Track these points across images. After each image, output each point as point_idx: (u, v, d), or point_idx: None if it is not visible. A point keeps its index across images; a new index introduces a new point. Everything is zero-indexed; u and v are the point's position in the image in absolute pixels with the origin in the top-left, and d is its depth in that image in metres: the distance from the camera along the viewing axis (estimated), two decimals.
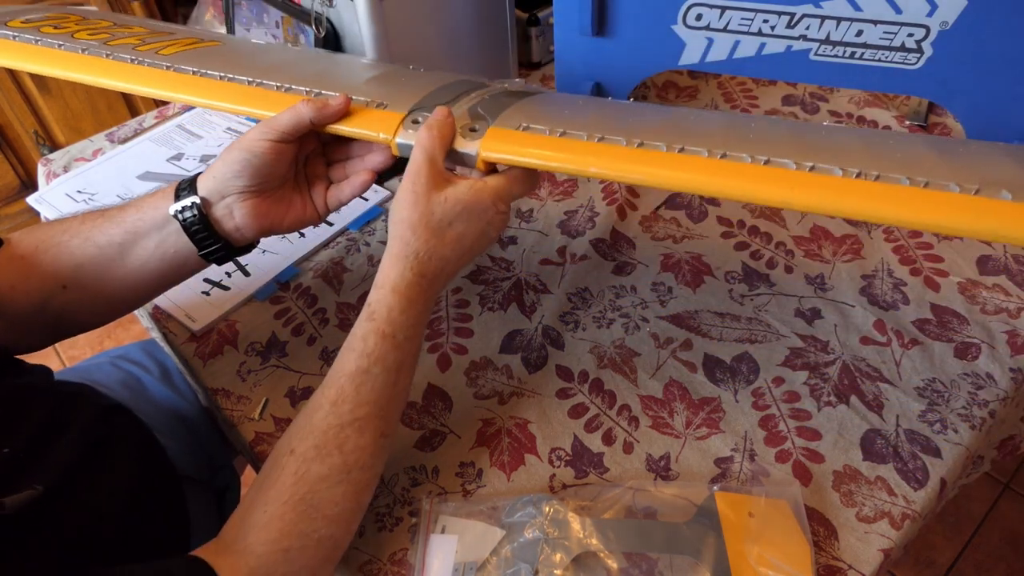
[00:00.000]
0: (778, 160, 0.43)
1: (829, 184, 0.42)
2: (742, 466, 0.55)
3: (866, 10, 0.66)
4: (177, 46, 0.63)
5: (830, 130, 0.51)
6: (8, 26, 0.66)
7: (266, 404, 0.62)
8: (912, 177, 0.41)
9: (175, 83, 0.57)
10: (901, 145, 0.48)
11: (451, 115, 0.51)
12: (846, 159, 0.43)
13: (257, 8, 0.89)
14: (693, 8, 0.73)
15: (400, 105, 0.53)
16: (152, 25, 0.73)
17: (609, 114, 0.54)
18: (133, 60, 0.60)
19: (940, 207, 0.40)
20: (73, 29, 0.66)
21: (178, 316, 0.70)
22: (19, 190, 1.69)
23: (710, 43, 0.75)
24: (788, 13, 0.69)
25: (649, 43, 0.78)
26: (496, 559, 0.50)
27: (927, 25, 0.65)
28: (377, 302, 0.48)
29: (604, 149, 0.46)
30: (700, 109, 0.58)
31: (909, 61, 0.68)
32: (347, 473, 0.46)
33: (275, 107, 0.54)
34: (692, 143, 0.45)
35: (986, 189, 0.40)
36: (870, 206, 0.41)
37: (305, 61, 0.67)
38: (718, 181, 0.44)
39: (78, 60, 0.60)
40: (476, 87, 0.58)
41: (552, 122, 0.49)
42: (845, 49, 0.70)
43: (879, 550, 0.50)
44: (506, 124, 0.50)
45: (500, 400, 0.61)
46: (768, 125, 0.52)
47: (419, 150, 0.49)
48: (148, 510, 0.57)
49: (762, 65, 0.75)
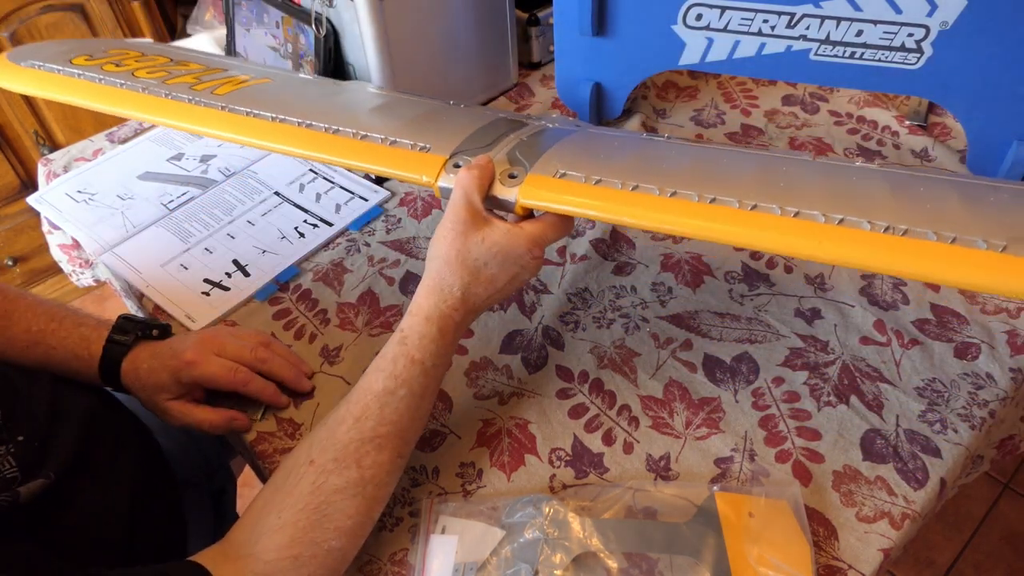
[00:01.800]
0: (807, 212, 0.44)
1: (857, 239, 0.43)
2: (742, 466, 0.55)
3: (866, 10, 0.66)
4: (230, 85, 0.65)
5: (860, 174, 0.51)
6: (73, 63, 0.68)
7: (268, 405, 0.62)
8: (939, 232, 0.41)
9: (229, 124, 0.60)
10: (931, 191, 0.48)
11: (491, 161, 0.53)
12: (874, 210, 0.44)
13: (257, 8, 0.89)
14: (693, 8, 0.73)
15: (442, 148, 0.55)
16: (207, 61, 0.74)
17: (644, 157, 0.55)
18: (190, 100, 0.62)
19: (966, 265, 0.41)
20: (133, 67, 0.68)
21: (178, 316, 0.70)
22: (19, 190, 1.69)
23: (710, 43, 0.75)
24: (788, 13, 0.69)
25: (649, 43, 0.78)
26: (496, 559, 0.50)
27: (927, 25, 0.65)
28: (410, 328, 0.50)
29: (638, 199, 0.48)
30: (732, 149, 0.58)
31: (909, 61, 0.68)
32: (362, 487, 0.47)
33: (322, 147, 0.57)
34: (723, 192, 0.46)
35: (1013, 246, 0.40)
36: (897, 263, 0.42)
37: (349, 99, 0.68)
38: (748, 233, 0.45)
39: (138, 99, 0.63)
40: (515, 127, 0.59)
41: (588, 168, 0.51)
42: (845, 49, 0.70)
43: (879, 550, 0.50)
44: (543, 171, 0.52)
45: (500, 400, 0.61)
46: (799, 170, 0.52)
47: (459, 191, 0.51)
48: (149, 502, 0.58)
49: (762, 65, 0.75)
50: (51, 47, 0.77)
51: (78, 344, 0.59)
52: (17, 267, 1.76)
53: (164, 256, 0.76)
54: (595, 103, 0.86)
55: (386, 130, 0.57)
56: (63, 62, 0.69)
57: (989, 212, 0.45)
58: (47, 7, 1.55)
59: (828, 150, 0.83)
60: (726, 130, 0.88)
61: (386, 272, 0.73)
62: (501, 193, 0.52)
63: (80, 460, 0.52)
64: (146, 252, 0.77)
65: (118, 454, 0.56)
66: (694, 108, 0.92)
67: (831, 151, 0.83)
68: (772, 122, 0.88)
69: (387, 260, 0.75)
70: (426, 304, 0.50)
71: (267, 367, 0.60)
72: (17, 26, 1.53)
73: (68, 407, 0.54)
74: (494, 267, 0.51)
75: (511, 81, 0.97)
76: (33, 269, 1.79)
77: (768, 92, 0.93)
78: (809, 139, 0.85)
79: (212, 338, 0.60)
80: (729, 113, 0.90)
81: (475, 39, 0.89)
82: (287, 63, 0.87)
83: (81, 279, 0.90)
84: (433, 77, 0.87)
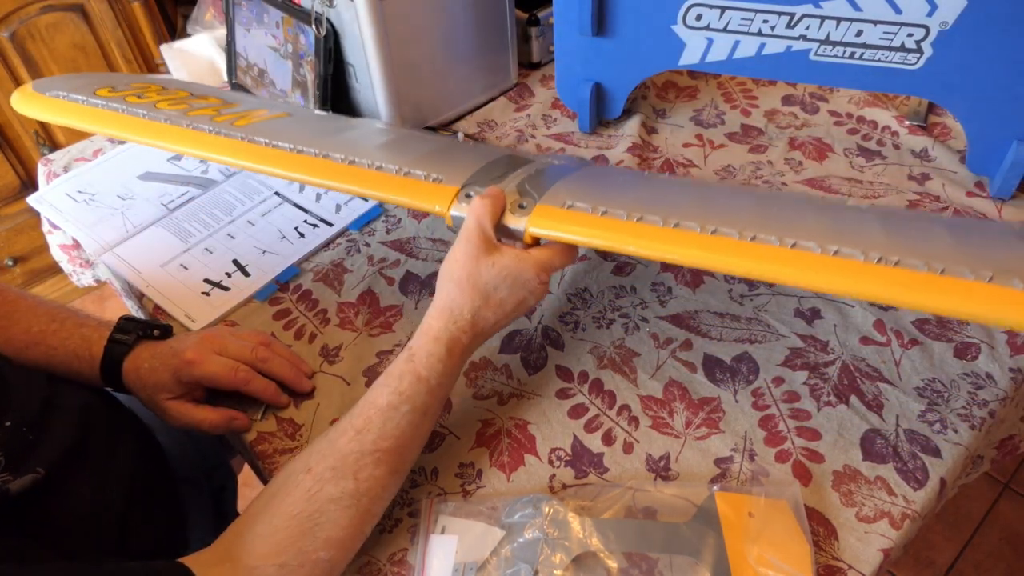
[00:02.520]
0: (804, 243, 0.46)
1: (851, 269, 0.45)
2: (742, 466, 0.55)
3: (866, 10, 0.66)
4: (249, 118, 0.68)
5: (853, 212, 0.53)
6: (97, 95, 0.71)
7: (268, 405, 0.62)
8: (929, 264, 0.44)
9: (250, 154, 0.62)
10: (920, 228, 0.50)
11: (503, 192, 0.55)
12: (867, 243, 0.46)
13: (257, 8, 0.89)
14: (693, 8, 0.73)
15: (454, 179, 0.57)
16: (225, 95, 0.76)
17: (648, 191, 0.57)
18: (211, 130, 0.65)
19: (955, 295, 0.43)
20: (155, 99, 0.70)
21: (178, 316, 0.70)
22: (19, 190, 1.69)
23: (710, 43, 0.75)
24: (788, 13, 0.69)
25: (649, 43, 0.78)
26: (496, 559, 0.50)
27: (927, 25, 0.65)
28: (419, 347, 0.51)
29: (642, 229, 0.50)
30: (730, 187, 0.61)
31: (909, 61, 0.68)
32: (357, 499, 0.47)
33: (340, 177, 0.60)
34: (724, 224, 0.49)
35: (999, 277, 0.42)
36: (890, 292, 0.44)
37: (362, 134, 0.70)
38: (748, 263, 0.47)
39: (160, 128, 0.65)
40: (522, 163, 0.61)
41: (594, 200, 0.53)
42: (845, 49, 0.70)
43: (879, 550, 0.50)
44: (552, 202, 0.54)
45: (500, 400, 0.61)
46: (795, 207, 0.54)
47: (472, 218, 0.53)
48: (146, 499, 0.58)
49: (762, 65, 0.75)
50: (74, 79, 0.78)
51: (79, 345, 0.59)
52: (17, 267, 1.76)
53: (164, 256, 0.76)
54: (595, 103, 0.86)
55: (400, 162, 0.60)
56: (87, 93, 0.71)
57: (974, 247, 0.48)
58: (47, 7, 1.55)
59: (828, 150, 0.83)
60: (726, 130, 0.88)
61: (386, 272, 0.73)
62: (511, 222, 0.54)
63: (75, 453, 0.52)
64: (146, 252, 0.77)
65: (115, 449, 0.57)
66: (694, 108, 0.92)
67: (831, 151, 0.83)
68: (772, 122, 0.88)
69: (387, 260, 0.75)
70: (436, 324, 0.51)
71: (268, 367, 0.60)
72: (17, 26, 1.53)
73: (64, 402, 0.54)
74: (503, 291, 0.52)
75: (511, 81, 0.98)
76: (33, 269, 1.79)
77: (768, 92, 0.93)
78: (809, 139, 0.85)
79: (213, 338, 0.60)
80: (729, 113, 0.90)
81: (475, 39, 0.89)
82: (287, 63, 0.87)
83: (81, 279, 0.90)
84: (433, 77, 0.87)
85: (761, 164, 0.82)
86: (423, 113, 0.89)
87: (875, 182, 0.78)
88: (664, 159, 0.84)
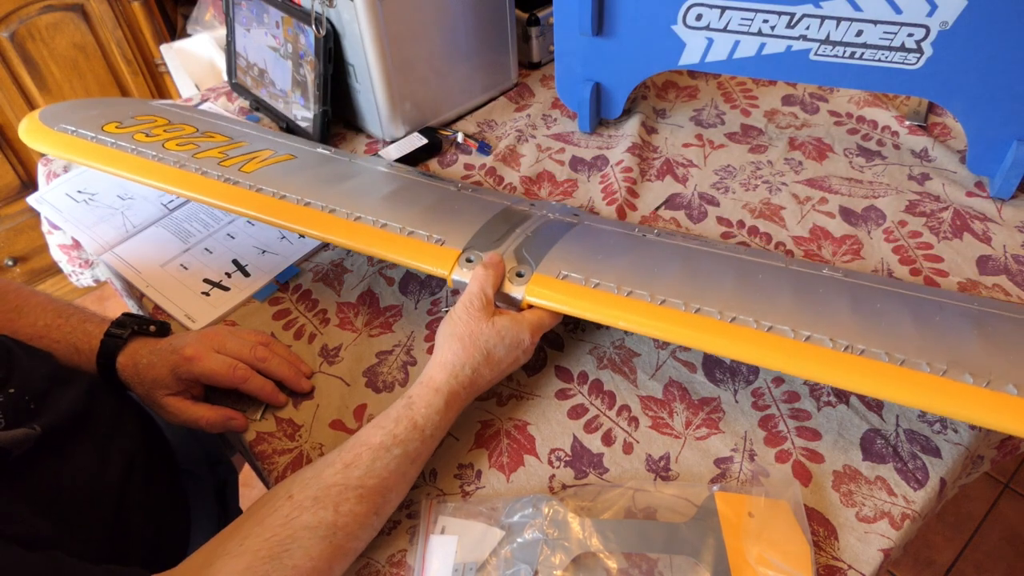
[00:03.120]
0: (779, 327, 0.51)
1: (820, 356, 0.50)
2: (742, 466, 0.55)
3: (866, 10, 0.66)
4: (256, 162, 0.70)
5: (827, 285, 0.57)
6: (104, 131, 0.73)
7: (267, 405, 0.62)
8: (891, 353, 0.49)
9: (259, 204, 0.65)
10: (887, 309, 0.55)
11: (503, 261, 0.59)
12: (837, 326, 0.51)
13: (257, 8, 0.89)
14: (693, 8, 0.73)
15: (455, 241, 0.61)
16: (230, 132, 0.78)
17: (638, 257, 0.60)
18: (220, 177, 0.67)
19: (911, 387, 0.48)
20: (163, 137, 0.73)
21: (178, 316, 0.70)
22: (19, 190, 1.69)
23: (710, 43, 0.75)
24: (788, 13, 0.69)
25: (649, 43, 0.78)
26: (496, 560, 0.50)
27: (927, 25, 0.65)
28: (419, 396, 0.52)
29: (631, 305, 0.55)
30: (714, 252, 0.63)
31: (909, 61, 0.68)
32: (333, 532, 0.46)
33: (346, 234, 0.63)
34: (707, 302, 0.54)
35: (952, 370, 0.48)
36: (853, 382, 0.49)
37: (365, 182, 0.72)
38: (726, 344, 0.52)
39: (171, 173, 0.68)
40: (519, 220, 0.65)
41: (586, 269, 0.57)
42: (845, 49, 0.70)
43: (879, 550, 0.50)
44: (547, 270, 0.58)
45: (499, 401, 0.61)
46: (774, 280, 0.58)
47: (476, 285, 0.57)
48: (147, 481, 0.58)
49: (762, 65, 0.75)
50: (80, 109, 0.79)
51: (80, 339, 0.59)
52: (17, 267, 1.77)
53: (164, 256, 0.76)
54: (595, 103, 0.86)
55: (403, 219, 0.63)
56: (95, 128, 0.73)
57: (935, 333, 0.52)
58: (47, 7, 1.55)
59: (828, 150, 0.83)
60: (726, 130, 0.88)
61: (386, 272, 0.73)
62: (510, 291, 0.58)
63: (78, 421, 0.52)
64: (146, 252, 0.77)
65: (120, 427, 0.57)
66: (694, 108, 0.92)
67: (831, 151, 0.83)
68: (772, 122, 0.88)
69: (387, 260, 0.74)
70: (438, 377, 0.53)
71: (266, 366, 0.61)
72: (17, 26, 1.53)
73: (73, 378, 0.55)
74: (501, 351, 0.55)
75: (511, 81, 0.98)
76: (33, 269, 1.79)
77: (768, 92, 0.93)
78: (809, 139, 0.85)
79: (212, 335, 0.60)
80: (729, 113, 0.90)
81: (475, 39, 0.89)
82: (287, 63, 0.87)
83: (81, 279, 0.90)
84: (433, 77, 0.87)
85: (761, 164, 0.82)
86: (423, 113, 0.89)
87: (875, 182, 0.78)
88: (664, 159, 0.84)
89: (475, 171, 0.85)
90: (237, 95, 1.00)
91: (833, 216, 0.75)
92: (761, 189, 0.79)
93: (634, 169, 0.82)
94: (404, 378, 0.63)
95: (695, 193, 0.79)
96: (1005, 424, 0.47)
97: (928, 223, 0.73)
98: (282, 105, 0.91)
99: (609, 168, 0.83)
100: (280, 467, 0.58)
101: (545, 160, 0.86)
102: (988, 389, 0.47)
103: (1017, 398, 0.47)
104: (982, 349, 0.51)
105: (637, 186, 0.80)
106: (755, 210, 0.76)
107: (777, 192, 0.78)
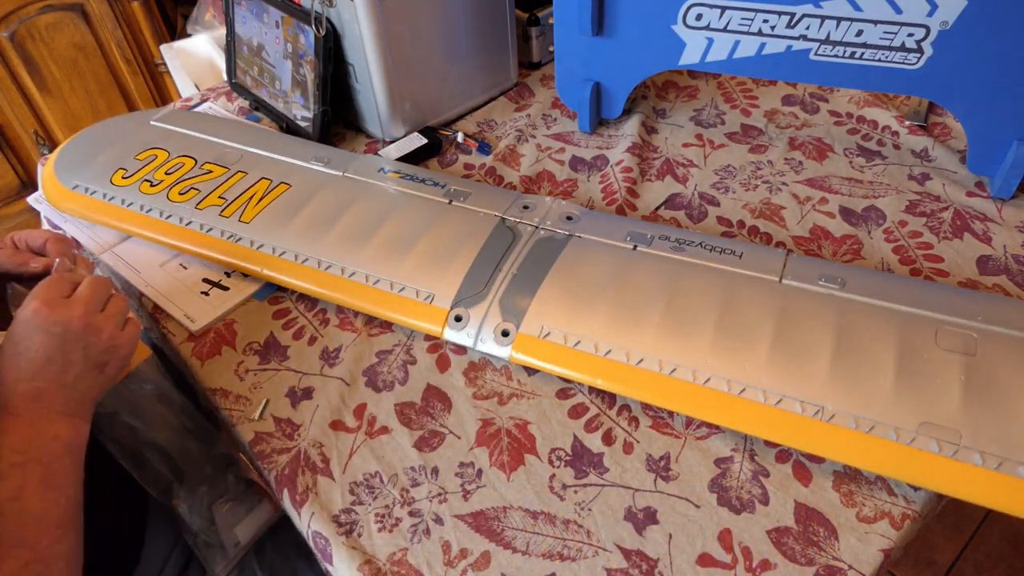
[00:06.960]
0: (751, 389, 0.54)
1: (789, 422, 0.52)
2: (742, 466, 0.55)
3: (866, 10, 0.66)
4: (252, 204, 0.73)
5: (815, 317, 0.57)
6: (112, 183, 0.77)
7: (266, 405, 0.62)
8: (859, 418, 0.51)
9: (261, 262, 0.70)
10: (872, 351, 0.55)
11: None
12: (812, 383, 0.53)
13: (257, 8, 0.89)
14: (693, 8, 0.73)
15: (443, 296, 0.64)
16: (226, 161, 0.79)
17: (624, 291, 0.62)
18: (224, 234, 0.71)
19: (878, 457, 0.50)
20: (166, 183, 0.77)
21: (177, 316, 0.70)
22: (19, 190, 1.69)
23: (710, 43, 0.76)
24: (788, 13, 0.69)
25: (649, 43, 0.78)
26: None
27: (927, 25, 0.65)
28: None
29: (608, 366, 0.58)
30: (708, 268, 0.64)
31: (909, 61, 0.68)
32: None
33: (341, 291, 0.66)
34: (683, 356, 0.56)
35: (920, 439, 0.49)
36: (821, 447, 0.52)
37: (362, 210, 0.72)
38: (699, 407, 0.55)
39: (180, 233, 0.73)
40: (511, 244, 0.67)
41: (569, 322, 0.60)
42: (845, 49, 0.70)
43: (879, 550, 0.50)
44: (530, 328, 0.61)
45: (500, 401, 0.61)
46: (759, 314, 0.58)
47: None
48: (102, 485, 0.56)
49: (762, 65, 0.75)
50: (88, 151, 0.83)
51: None
52: None
53: (164, 256, 0.76)
54: (595, 103, 0.86)
55: (394, 269, 0.66)
56: (104, 182, 0.77)
57: (915, 383, 0.52)
58: (47, 7, 1.55)
59: (828, 150, 0.83)
60: (726, 130, 0.88)
61: None
62: (496, 352, 0.61)
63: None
64: (146, 252, 0.76)
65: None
66: (694, 108, 0.92)
67: (831, 151, 0.83)
68: (772, 122, 0.88)
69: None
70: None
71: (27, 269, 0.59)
72: (17, 26, 1.53)
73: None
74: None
75: (511, 81, 0.98)
76: None
77: (768, 92, 0.93)
78: (809, 139, 0.85)
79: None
80: (729, 113, 0.90)
81: (475, 39, 0.89)
82: (287, 63, 0.87)
83: None
84: (433, 77, 0.87)
85: (761, 164, 0.82)
86: (423, 113, 0.89)
87: (875, 182, 0.78)
88: (664, 159, 0.84)
89: (475, 171, 0.85)
90: (237, 95, 1.00)
91: (833, 216, 0.75)
92: (761, 189, 0.79)
93: (634, 169, 0.82)
94: (404, 377, 0.63)
95: (695, 193, 0.79)
96: (970, 495, 0.49)
97: (928, 223, 0.73)
98: (282, 105, 0.91)
99: (609, 168, 0.83)
100: (280, 466, 0.58)
101: (545, 160, 0.86)
102: (953, 460, 0.49)
103: (983, 469, 0.48)
104: (960, 400, 0.51)
105: (637, 186, 0.80)
106: (755, 210, 0.76)
107: (777, 192, 0.78)
